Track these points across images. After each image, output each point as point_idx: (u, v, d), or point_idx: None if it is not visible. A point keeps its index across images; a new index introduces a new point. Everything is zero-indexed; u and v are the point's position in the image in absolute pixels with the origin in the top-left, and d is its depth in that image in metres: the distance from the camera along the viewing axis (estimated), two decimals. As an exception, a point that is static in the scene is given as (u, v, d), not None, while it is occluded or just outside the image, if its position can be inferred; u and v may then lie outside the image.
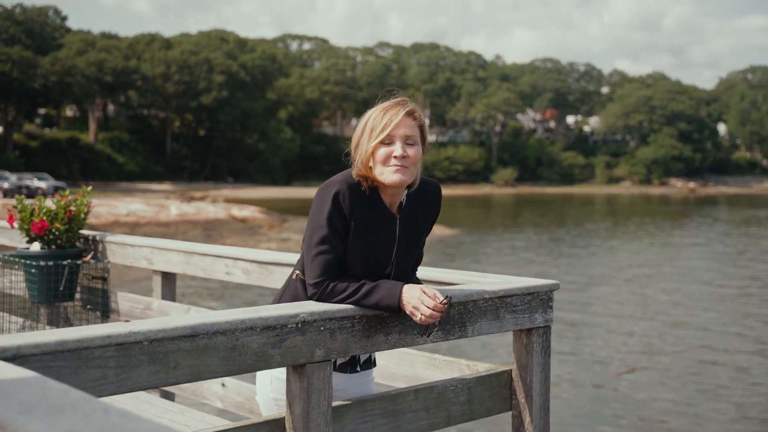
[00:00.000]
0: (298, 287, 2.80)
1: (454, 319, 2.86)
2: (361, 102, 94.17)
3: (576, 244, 31.53)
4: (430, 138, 2.82)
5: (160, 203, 36.63)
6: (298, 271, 2.82)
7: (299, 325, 2.49)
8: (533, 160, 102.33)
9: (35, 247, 4.94)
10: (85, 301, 5.10)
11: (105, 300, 5.03)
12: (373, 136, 2.70)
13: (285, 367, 2.56)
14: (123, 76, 73.07)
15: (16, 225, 4.95)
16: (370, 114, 2.75)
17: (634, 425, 9.31)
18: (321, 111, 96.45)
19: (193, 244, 4.65)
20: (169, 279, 4.79)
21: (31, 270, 4.88)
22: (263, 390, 2.88)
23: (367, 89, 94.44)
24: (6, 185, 46.09)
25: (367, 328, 2.66)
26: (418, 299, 2.60)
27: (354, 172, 2.72)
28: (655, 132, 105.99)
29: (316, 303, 2.64)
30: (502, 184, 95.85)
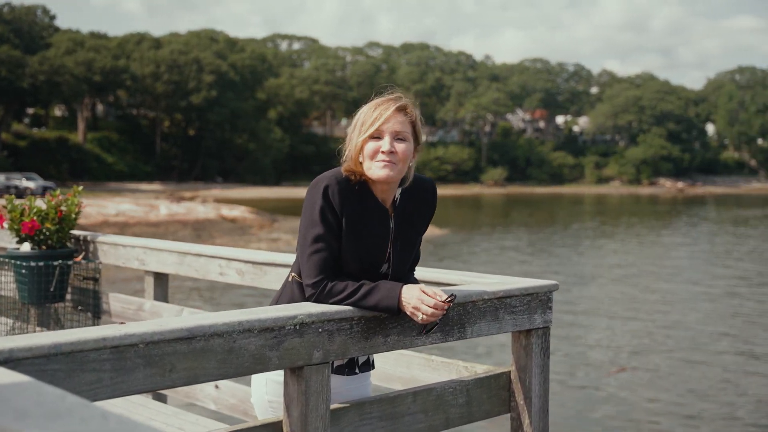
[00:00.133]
0: (294, 290, 2.75)
1: (453, 321, 2.82)
2: (350, 102, 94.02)
3: (565, 244, 31.57)
4: (421, 137, 2.80)
5: (149, 203, 36.48)
6: (294, 274, 2.78)
7: (297, 327, 2.45)
8: (523, 160, 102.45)
9: (25, 247, 4.89)
10: (76, 302, 5.05)
11: (96, 301, 4.98)
12: (362, 130, 2.67)
13: (282, 369, 2.52)
14: (112, 75, 72.74)
15: (6, 225, 4.89)
16: (362, 109, 2.73)
17: (626, 426, 9.30)
18: (311, 111, 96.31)
19: (186, 244, 4.60)
20: (161, 280, 4.74)
21: (22, 271, 4.82)
22: (258, 392, 2.84)
23: (357, 89, 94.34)
24: (-6, 185, 45.87)
25: (365, 329, 2.62)
26: (417, 299, 2.57)
27: (343, 167, 2.70)
28: (644, 132, 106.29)
29: (314, 304, 2.60)
30: (491, 184, 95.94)
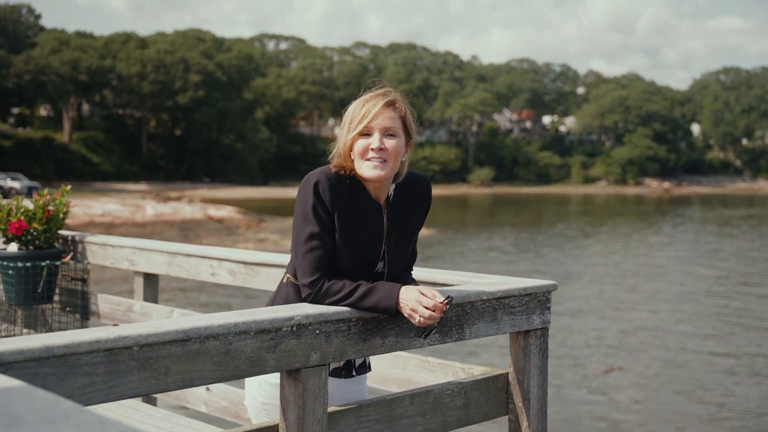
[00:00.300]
0: (290, 292, 2.70)
1: (451, 322, 2.78)
2: (338, 102, 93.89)
3: (551, 244, 31.61)
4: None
5: (135, 203, 36.30)
6: (289, 275, 2.72)
7: (294, 329, 2.40)
8: (509, 160, 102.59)
9: (12, 247, 4.81)
10: (64, 303, 4.98)
11: (85, 302, 4.91)
12: (351, 128, 2.63)
13: (278, 372, 2.47)
14: (98, 75, 72.34)
15: (-8, 225, 4.81)
16: (351, 106, 2.69)
17: (613, 427, 9.29)
18: (298, 111, 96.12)
19: (176, 244, 4.54)
20: (151, 280, 4.68)
21: (8, 271, 4.75)
22: (252, 394, 2.79)
23: (344, 89, 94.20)
24: (-22, 185, 45.53)
25: (363, 331, 2.57)
26: (415, 301, 2.51)
27: (332, 164, 2.65)
28: (630, 132, 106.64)
29: (311, 305, 2.54)
30: (478, 184, 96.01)
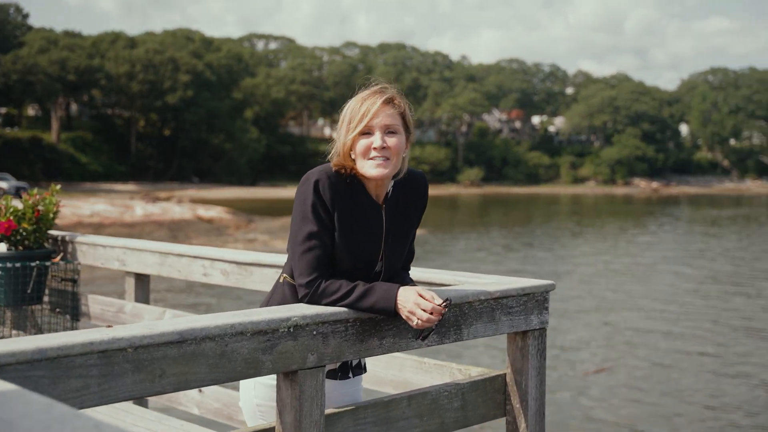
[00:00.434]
0: (286, 291, 2.66)
1: (449, 322, 2.74)
2: (327, 102, 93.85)
3: (540, 244, 31.65)
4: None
5: (124, 204, 36.14)
6: (285, 275, 2.68)
7: (291, 330, 2.36)
8: (499, 160, 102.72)
9: (1, 248, 4.76)
10: (54, 304, 4.92)
11: (75, 303, 4.86)
12: (351, 127, 2.59)
13: (274, 374, 2.43)
14: (86, 75, 72.04)
15: (-19, 225, 4.75)
16: (349, 104, 2.65)
17: (603, 427, 9.29)
18: (287, 111, 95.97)
19: (168, 244, 4.49)
20: (142, 281, 4.63)
21: (-2, 272, 4.69)
22: (246, 395, 2.75)
23: (334, 89, 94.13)
24: (-34, 185, 45.26)
25: (360, 332, 2.54)
26: (414, 303, 2.47)
27: (333, 162, 2.62)
28: (619, 132, 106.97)
29: (308, 306, 2.50)
30: (468, 184, 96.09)
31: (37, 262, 4.72)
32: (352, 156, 2.59)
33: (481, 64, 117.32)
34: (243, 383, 2.73)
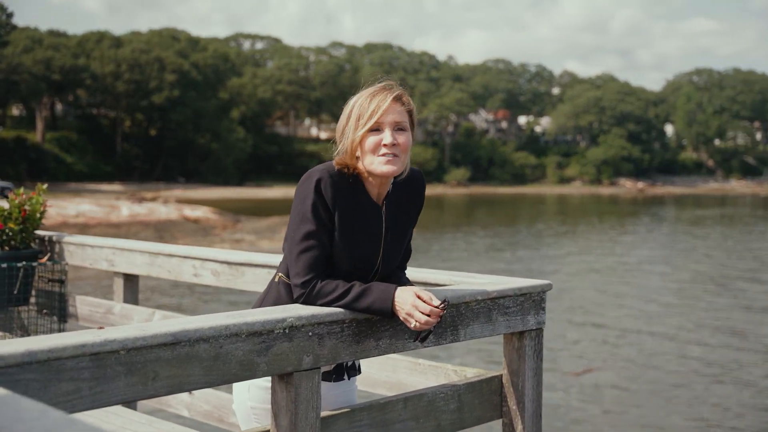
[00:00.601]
0: (281, 291, 2.61)
1: (446, 323, 2.70)
2: (314, 102, 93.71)
3: (527, 244, 31.69)
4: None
5: (110, 204, 35.95)
6: (281, 274, 2.64)
7: (286, 331, 2.32)
8: (485, 161, 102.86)
9: (-13, 248, 4.68)
10: (41, 306, 4.85)
11: (62, 304, 4.79)
12: (360, 124, 2.53)
13: (269, 376, 2.38)
14: (71, 74, 71.60)
15: (-34, 225, 4.68)
16: (355, 100, 2.58)
17: (591, 427, 9.28)
18: (274, 111, 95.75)
19: (157, 244, 4.44)
20: (131, 281, 4.57)
21: (-16, 273, 4.62)
22: (240, 398, 2.70)
23: (320, 89, 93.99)
24: (-51, 186, 44.84)
25: (357, 333, 2.49)
26: (411, 305, 2.43)
27: (335, 161, 2.56)
28: (605, 132, 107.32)
29: (304, 306, 2.46)
30: (454, 184, 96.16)
31: (24, 263, 4.65)
32: (358, 154, 2.54)
33: (467, 64, 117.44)
34: (236, 386, 2.68)
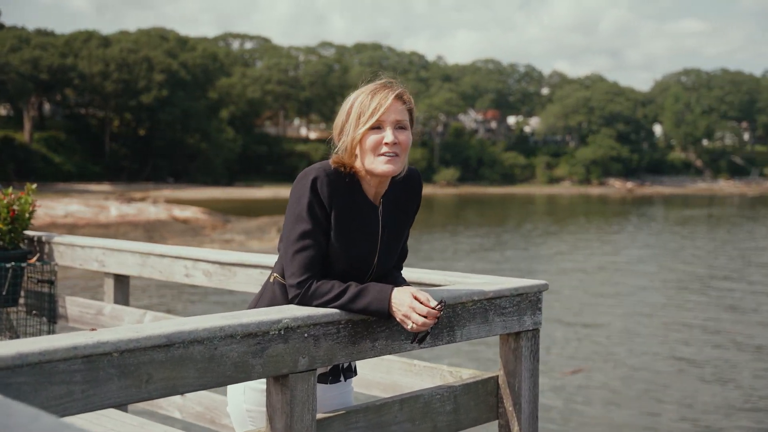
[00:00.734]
0: (276, 292, 2.57)
1: (442, 323, 2.67)
2: (303, 102, 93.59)
3: (516, 244, 31.72)
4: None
5: (99, 204, 35.79)
6: (276, 274, 2.60)
7: (282, 332, 2.28)
8: (475, 161, 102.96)
9: (-24, 249, 4.63)
10: (31, 307, 4.80)
11: (52, 305, 4.74)
12: (361, 122, 2.48)
13: (265, 378, 2.35)
14: (59, 74, 71.29)
15: (-46, 225, 4.62)
16: (355, 98, 2.53)
17: (581, 427, 9.28)
18: (263, 111, 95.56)
19: (148, 244, 4.39)
20: (122, 282, 4.52)
21: (-28, 273, 4.56)
22: (235, 400, 2.66)
23: (310, 89, 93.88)
24: (-64, 186, 44.57)
25: (353, 334, 2.46)
26: (408, 306, 2.39)
27: (332, 160, 2.52)
28: (594, 133, 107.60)
29: (299, 307, 2.42)
30: (444, 184, 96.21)
31: (13, 263, 4.60)
32: (357, 152, 2.51)
33: (456, 64, 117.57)
34: (231, 388, 2.64)
